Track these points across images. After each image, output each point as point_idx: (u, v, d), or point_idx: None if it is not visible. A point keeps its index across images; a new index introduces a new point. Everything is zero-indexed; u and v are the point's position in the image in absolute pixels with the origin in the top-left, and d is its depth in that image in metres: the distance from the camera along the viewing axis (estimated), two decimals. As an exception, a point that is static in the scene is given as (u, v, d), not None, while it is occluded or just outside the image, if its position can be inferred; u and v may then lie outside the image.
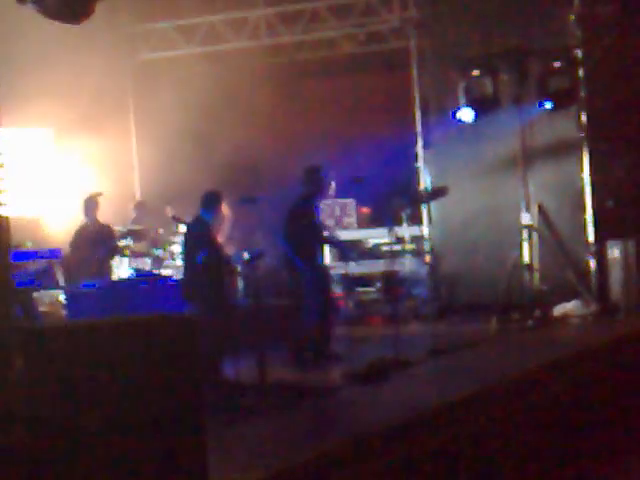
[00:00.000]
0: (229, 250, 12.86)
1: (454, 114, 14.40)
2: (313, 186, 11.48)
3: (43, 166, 14.10)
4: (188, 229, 10.89)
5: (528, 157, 14.36)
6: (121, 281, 13.32)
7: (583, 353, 11.43)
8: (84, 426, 5.88)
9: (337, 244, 13.24)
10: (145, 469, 5.97)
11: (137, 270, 13.67)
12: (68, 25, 8.25)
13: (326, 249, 15.14)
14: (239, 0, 16.31)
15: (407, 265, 15.14)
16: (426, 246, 15.23)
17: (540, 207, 14.38)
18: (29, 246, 12.42)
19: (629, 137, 14.57)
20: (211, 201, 10.74)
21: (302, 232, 11.26)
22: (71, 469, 5.78)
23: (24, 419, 5.91)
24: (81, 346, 6.02)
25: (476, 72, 14.37)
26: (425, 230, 15.31)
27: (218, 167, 15.48)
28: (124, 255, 14.01)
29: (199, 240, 10.48)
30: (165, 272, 13.60)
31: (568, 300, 13.96)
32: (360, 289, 15.07)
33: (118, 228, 14.30)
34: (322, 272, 11.57)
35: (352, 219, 16.08)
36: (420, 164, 15.41)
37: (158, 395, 6.11)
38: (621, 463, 9.78)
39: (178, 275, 12.23)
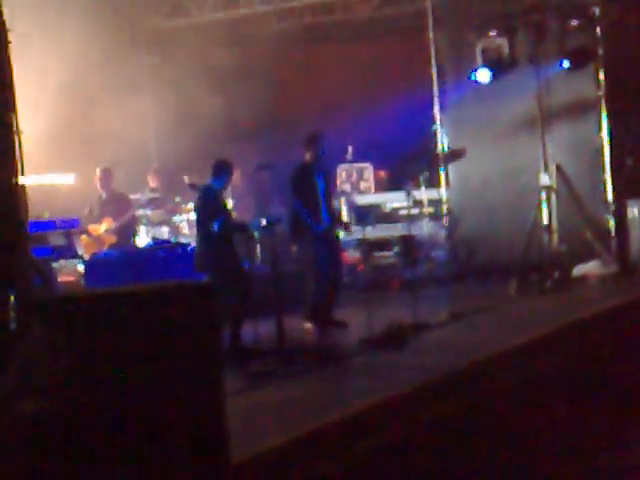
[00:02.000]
0: (246, 217, 12.90)
1: (471, 75, 14.35)
2: (312, 153, 11.51)
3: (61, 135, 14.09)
4: (199, 198, 10.91)
5: (546, 117, 14.29)
6: (139, 249, 13.39)
7: (603, 314, 11.45)
8: (102, 395, 5.95)
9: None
10: (165, 437, 6.03)
11: (155, 238, 13.72)
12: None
13: (344, 214, 15.25)
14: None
15: (425, 228, 15.14)
16: (444, 209, 15.22)
17: (558, 167, 14.33)
18: (47, 216, 12.48)
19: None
20: (221, 170, 10.73)
21: (304, 197, 11.31)
22: (90, 438, 5.86)
23: (44, 388, 5.99)
24: (100, 315, 6.08)
25: (493, 32, 14.30)
26: (443, 193, 15.29)
27: (234, 133, 15.51)
28: (142, 224, 14.08)
29: (211, 209, 10.50)
30: (183, 239, 13.63)
31: (587, 261, 13.96)
32: (378, 253, 15.06)
33: (135, 197, 14.36)
34: (328, 235, 11.60)
35: (369, 183, 16.08)
36: (437, 126, 15.36)
37: (177, 363, 6.14)
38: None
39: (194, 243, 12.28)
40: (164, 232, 14.19)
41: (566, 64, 14.14)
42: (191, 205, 14.06)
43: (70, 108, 13.84)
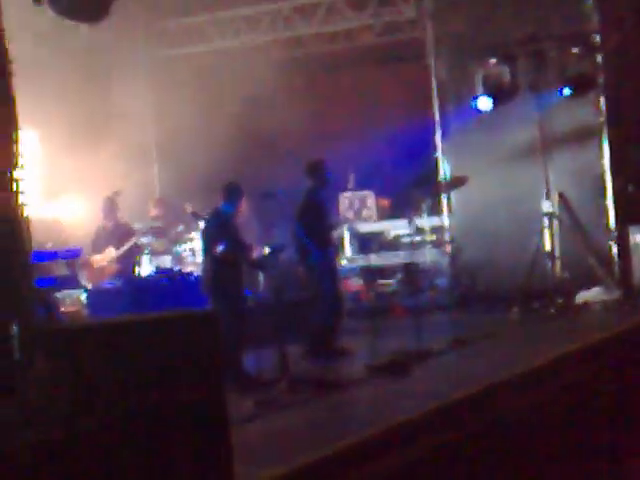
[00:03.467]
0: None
1: (472, 103, 14.41)
2: (317, 179, 11.55)
3: (60, 166, 14.12)
4: (207, 222, 10.93)
5: (547, 144, 14.35)
6: (142, 279, 13.39)
7: (606, 340, 11.43)
8: (105, 425, 5.94)
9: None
10: (169, 464, 6.02)
11: (158, 267, 13.73)
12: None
13: (346, 242, 15.27)
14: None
15: (428, 256, 15.14)
16: (446, 236, 15.24)
17: (560, 194, 14.37)
18: (50, 247, 12.50)
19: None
20: (232, 193, 10.77)
21: (311, 224, 11.34)
22: (92, 469, 5.85)
23: (45, 418, 5.97)
24: (103, 345, 6.08)
25: (493, 60, 14.37)
26: (445, 220, 15.32)
27: (237, 162, 15.52)
28: (145, 253, 14.09)
29: (219, 232, 10.51)
30: (186, 269, 13.64)
31: (590, 287, 13.94)
32: (381, 281, 15.08)
33: (138, 226, 14.37)
34: (333, 264, 11.62)
35: (371, 211, 16.08)
36: (439, 154, 15.40)
37: (181, 392, 6.15)
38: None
39: (199, 272, 12.27)
40: (167, 261, 14.18)
41: (567, 91, 14.19)
42: (194, 234, 14.09)
43: (72, 137, 13.88)
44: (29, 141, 13.51)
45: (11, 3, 7.30)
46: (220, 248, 10.35)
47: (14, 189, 7.39)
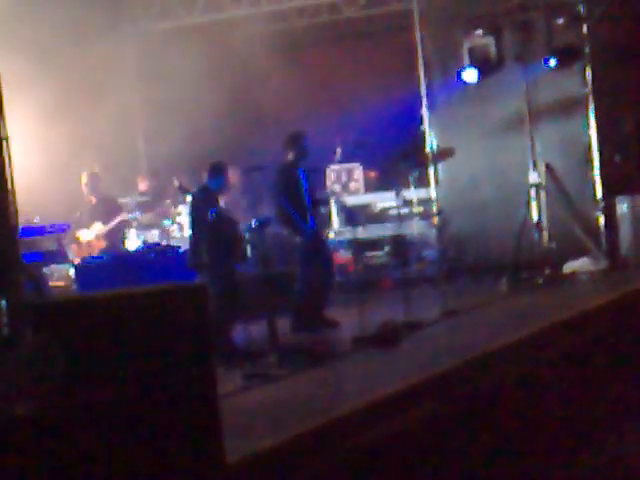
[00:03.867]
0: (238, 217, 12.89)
1: (458, 75, 14.38)
2: (296, 152, 11.52)
3: (45, 139, 14.03)
4: (194, 198, 10.94)
5: (534, 116, 14.34)
6: (130, 253, 13.36)
7: (593, 310, 11.47)
8: (96, 398, 5.92)
9: (325, 205, 13.33)
10: (160, 437, 6.01)
11: (145, 242, 13.70)
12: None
13: (334, 215, 15.26)
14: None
15: (415, 228, 15.16)
16: (434, 208, 15.23)
17: (547, 165, 14.36)
18: (37, 221, 12.44)
19: (635, 91, 14.54)
20: (217, 171, 10.86)
21: (290, 197, 11.31)
22: (84, 442, 5.84)
23: (37, 392, 5.96)
24: (92, 319, 6.06)
25: (479, 32, 14.33)
26: (432, 192, 15.30)
27: (224, 136, 15.47)
28: (132, 227, 14.05)
29: (205, 205, 10.54)
30: (173, 243, 13.60)
31: (577, 257, 13.98)
32: (369, 253, 15.07)
33: (125, 200, 14.32)
34: (315, 237, 11.59)
35: (359, 184, 16.05)
36: (425, 126, 15.37)
37: (170, 365, 6.14)
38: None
39: (186, 245, 12.24)
40: (154, 235, 14.15)
41: (553, 62, 14.17)
42: (181, 208, 14.04)
43: (56, 110, 13.79)
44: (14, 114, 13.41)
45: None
46: (210, 215, 10.40)
47: (1, 167, 7.36)
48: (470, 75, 14.26)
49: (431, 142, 15.30)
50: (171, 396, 6.09)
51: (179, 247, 12.77)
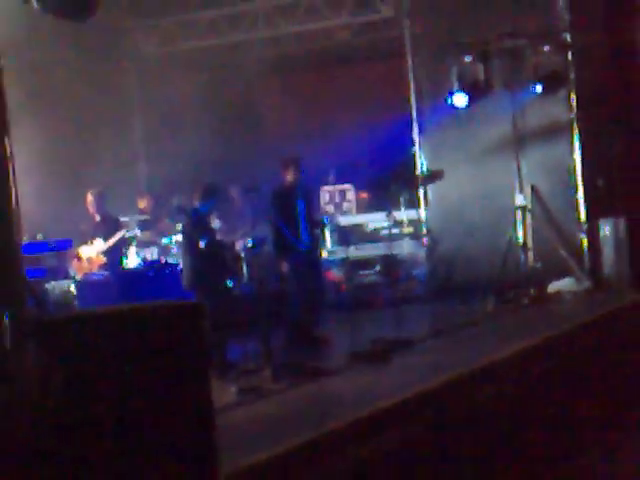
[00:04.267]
0: (233, 238, 12.89)
1: (448, 100, 14.41)
2: (291, 174, 11.53)
3: (50, 161, 14.03)
4: (185, 221, 10.94)
5: (520, 140, 14.39)
6: (129, 270, 13.35)
7: (577, 329, 11.48)
8: (94, 411, 5.91)
9: (320, 226, 13.33)
10: (157, 450, 6.00)
11: (144, 259, 13.69)
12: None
13: (327, 235, 15.26)
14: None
15: (405, 247, 15.16)
16: (423, 229, 15.24)
17: (533, 188, 14.40)
18: (40, 238, 12.43)
19: (617, 117, 14.58)
20: (208, 194, 10.77)
21: (285, 217, 11.32)
22: (79, 457, 5.83)
23: (35, 405, 5.95)
24: (90, 335, 6.05)
25: (468, 58, 14.37)
26: (422, 213, 15.32)
27: (221, 158, 15.49)
28: (132, 245, 14.03)
29: (198, 230, 10.53)
30: (171, 260, 13.60)
31: (561, 277, 13.99)
32: (360, 272, 15.07)
33: (126, 219, 14.32)
34: (308, 256, 11.60)
35: (351, 204, 16.08)
36: (416, 149, 15.40)
37: (166, 380, 6.12)
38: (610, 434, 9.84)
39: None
40: (153, 252, 14.14)
41: (539, 88, 14.24)
42: (179, 226, 14.05)
43: (60, 132, 13.81)
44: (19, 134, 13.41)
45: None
46: (202, 243, 10.38)
47: (4, 182, 7.36)
48: (459, 100, 14.29)
49: (421, 165, 15.33)
50: (167, 411, 6.08)
51: (177, 264, 12.75)
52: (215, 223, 12.71)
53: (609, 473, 8.89)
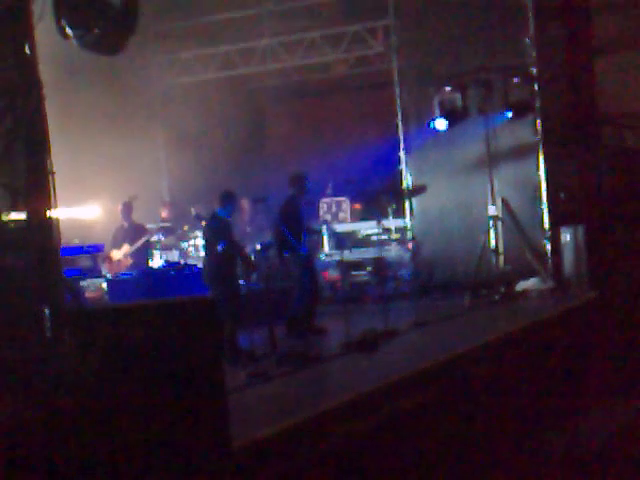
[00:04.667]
0: (243, 243, 12.89)
1: (430, 124, 14.42)
2: (297, 189, 11.52)
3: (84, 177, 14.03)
4: (206, 225, 10.89)
5: (492, 159, 14.33)
6: (154, 270, 13.35)
7: (541, 322, 11.48)
8: (124, 388, 5.92)
9: (317, 233, 13.31)
10: (178, 427, 6.02)
11: (167, 261, 13.69)
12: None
13: (325, 240, 15.24)
14: (248, 32, 16.33)
15: (393, 251, 15.13)
16: (408, 235, 15.22)
17: (503, 200, 14.38)
18: (76, 242, 12.42)
19: (577, 140, 14.60)
20: (226, 200, 10.67)
21: (290, 225, 11.31)
22: (111, 434, 5.84)
23: (73, 388, 5.96)
24: (119, 325, 6.08)
25: (448, 88, 14.38)
26: (408, 222, 15.28)
27: (235, 172, 15.50)
28: (156, 248, 14.04)
29: (217, 234, 10.46)
30: (190, 262, 13.60)
31: (528, 278, 13.96)
32: (354, 272, 15.06)
33: (150, 226, 14.32)
34: (307, 259, 11.58)
35: (346, 214, 16.05)
36: (402, 167, 15.39)
37: (186, 364, 6.14)
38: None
39: (200, 264, 12.24)
40: (174, 255, 14.14)
41: (509, 114, 14.23)
42: (197, 232, 14.05)
43: (94, 150, 13.80)
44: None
45: (42, 34, 7.29)
46: (220, 247, 10.33)
47: (47, 195, 7.37)
48: (440, 124, 14.30)
49: (407, 180, 15.32)
50: (185, 390, 6.10)
51: (195, 265, 12.75)
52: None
53: (565, 451, 8.92)
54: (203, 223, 11.58)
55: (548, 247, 14.19)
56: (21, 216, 7.25)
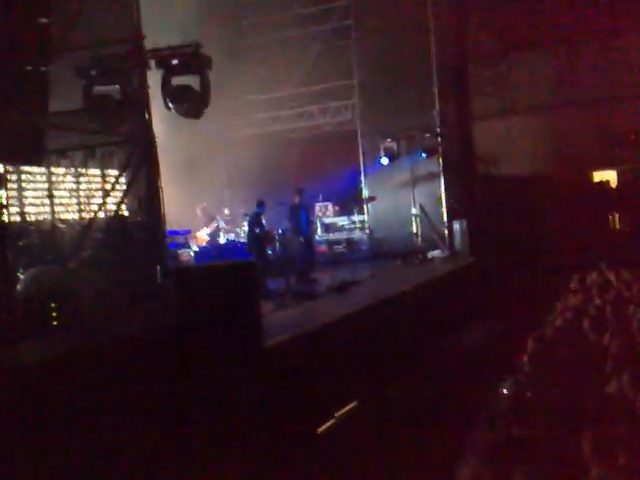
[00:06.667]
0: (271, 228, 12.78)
1: (379, 160, 14.37)
2: (299, 197, 11.40)
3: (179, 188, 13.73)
4: (250, 217, 10.90)
5: (414, 181, 14.34)
6: (220, 244, 13.27)
7: (443, 275, 11.46)
8: (204, 310, 5.89)
9: (313, 223, 13.20)
10: (234, 334, 5.98)
11: (228, 239, 13.60)
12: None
13: (319, 227, 15.14)
14: (277, 105, 16.16)
15: (357, 235, 15.11)
16: (366, 225, 15.19)
17: (420, 205, 14.37)
18: (175, 227, 12.32)
19: (463, 171, 14.60)
20: (260, 203, 10.78)
21: (295, 220, 11.20)
22: (189, 350, 5.79)
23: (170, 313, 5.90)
24: (203, 277, 6.05)
25: (389, 140, 14.31)
26: (366, 217, 15.24)
27: (269, 188, 15.24)
28: (221, 232, 13.93)
29: (256, 222, 10.52)
30: (241, 240, 13.51)
31: (434, 250, 13.96)
32: (335, 247, 15.01)
33: (218, 218, 14.18)
34: (307, 239, 11.47)
35: (329, 212, 15.99)
36: (362, 184, 15.34)
37: (238, 299, 6.11)
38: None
39: (246, 241, 12.12)
40: (232, 236, 14.03)
41: (424, 155, 14.17)
42: (244, 223, 13.90)
43: (181, 174, 13.42)
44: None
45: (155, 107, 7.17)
46: (257, 230, 10.33)
47: (157, 193, 7.33)
48: (384, 161, 14.25)
49: (365, 192, 15.27)
50: (239, 313, 6.07)
51: (244, 242, 12.66)
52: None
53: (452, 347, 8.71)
54: (248, 217, 11.53)
55: (446, 232, 14.19)
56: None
